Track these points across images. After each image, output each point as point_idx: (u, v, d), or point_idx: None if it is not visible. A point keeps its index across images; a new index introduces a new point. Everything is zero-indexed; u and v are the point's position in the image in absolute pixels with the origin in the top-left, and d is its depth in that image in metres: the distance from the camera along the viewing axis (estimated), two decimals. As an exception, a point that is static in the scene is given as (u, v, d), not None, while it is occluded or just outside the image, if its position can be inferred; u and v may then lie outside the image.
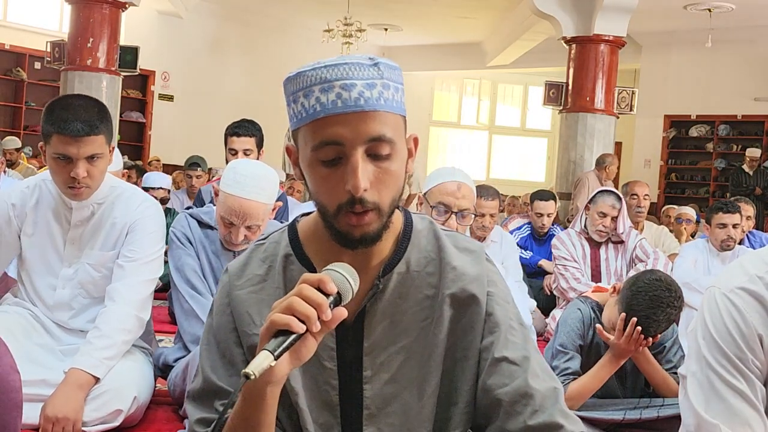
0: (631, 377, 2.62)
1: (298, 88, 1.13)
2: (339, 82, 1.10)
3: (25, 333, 2.38)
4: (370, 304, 1.22)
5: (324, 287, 1.03)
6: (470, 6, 10.74)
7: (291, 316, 1.01)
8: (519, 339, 1.23)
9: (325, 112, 1.10)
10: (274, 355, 0.99)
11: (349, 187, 1.10)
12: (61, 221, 2.45)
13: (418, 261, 1.24)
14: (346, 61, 1.12)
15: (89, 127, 2.26)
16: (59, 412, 2.15)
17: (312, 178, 1.15)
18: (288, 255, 1.25)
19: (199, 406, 1.24)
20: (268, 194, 2.50)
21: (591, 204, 4.06)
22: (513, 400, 1.18)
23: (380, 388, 1.23)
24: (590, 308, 2.65)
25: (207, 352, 1.27)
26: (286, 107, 1.17)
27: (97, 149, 2.29)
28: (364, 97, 1.10)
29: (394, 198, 1.16)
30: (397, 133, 1.14)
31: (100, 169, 2.35)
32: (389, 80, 1.13)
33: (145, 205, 2.51)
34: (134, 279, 2.41)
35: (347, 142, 1.10)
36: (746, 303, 1.43)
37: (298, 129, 1.15)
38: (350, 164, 1.10)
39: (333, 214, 1.13)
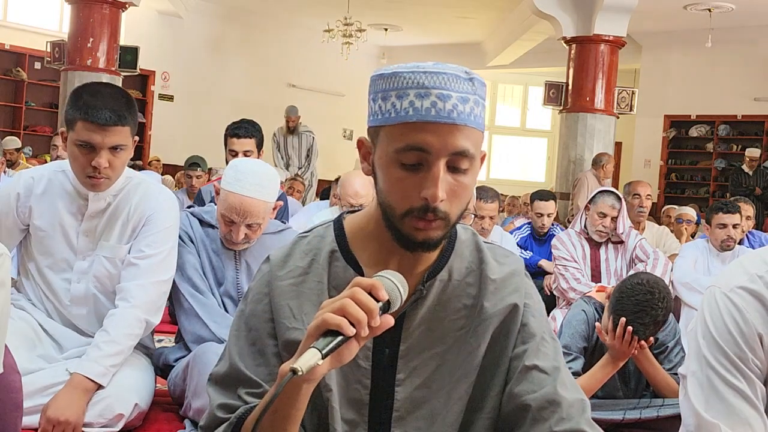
0: (634, 378, 2.63)
1: (392, 87, 1.13)
2: (436, 91, 1.11)
3: (29, 344, 2.32)
4: (411, 308, 1.23)
5: (376, 293, 1.04)
6: (470, 6, 10.73)
7: (343, 317, 1.01)
8: (550, 351, 1.26)
9: (418, 118, 1.11)
10: (322, 354, 0.99)
11: (426, 194, 1.11)
12: (75, 213, 2.38)
13: (460, 271, 1.27)
14: (444, 70, 1.13)
15: (117, 116, 2.21)
16: (61, 414, 2.14)
17: (387, 177, 1.16)
18: (333, 251, 1.25)
19: (223, 391, 1.24)
20: (268, 192, 2.50)
21: (591, 204, 4.06)
22: (540, 406, 1.20)
23: (411, 392, 1.24)
24: (594, 309, 2.65)
25: (236, 338, 1.26)
26: (370, 102, 1.18)
27: (122, 140, 2.25)
28: (458, 110, 1.12)
29: (462, 210, 1.18)
30: (477, 149, 1.16)
31: (122, 161, 2.29)
32: (480, 96, 1.15)
33: (163, 197, 2.46)
34: (147, 279, 2.36)
35: (434, 151, 1.11)
36: (746, 302, 1.43)
37: (380, 127, 1.16)
38: (432, 173, 1.11)
39: (400, 216, 1.15)
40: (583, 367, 2.57)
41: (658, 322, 2.39)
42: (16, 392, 1.77)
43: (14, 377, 1.77)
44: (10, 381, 1.73)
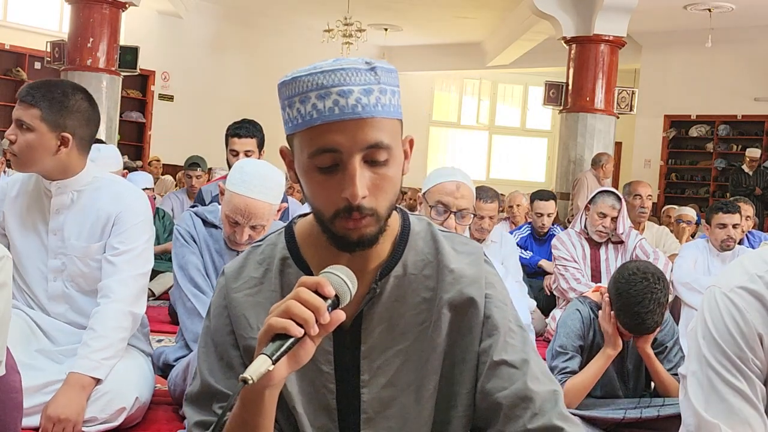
0: (633, 377, 2.63)
1: (294, 93, 1.12)
2: (336, 89, 1.08)
3: (25, 339, 2.35)
4: (367, 307, 1.21)
5: (322, 290, 1.03)
6: (470, 6, 10.74)
7: (289, 319, 1.00)
8: (518, 342, 1.23)
9: (322, 119, 1.09)
10: (272, 360, 0.98)
11: (346, 194, 1.09)
12: (43, 211, 2.43)
13: (415, 264, 1.24)
14: (342, 66, 1.10)
15: (32, 97, 2.30)
16: (61, 412, 2.15)
17: (308, 183, 1.14)
18: (285, 258, 1.24)
19: (197, 409, 1.24)
20: (273, 194, 2.50)
21: (591, 204, 4.06)
22: (512, 403, 1.18)
23: (378, 392, 1.23)
24: (589, 308, 2.65)
25: (205, 354, 1.26)
26: (281, 111, 1.16)
27: (26, 118, 2.29)
28: (362, 104, 1.09)
29: (391, 202, 1.15)
30: (394, 138, 1.13)
31: (25, 142, 2.30)
32: (386, 84, 1.12)
33: (131, 195, 2.47)
34: (126, 274, 2.38)
35: (344, 149, 1.09)
36: (746, 302, 1.43)
37: (293, 134, 1.14)
38: (348, 172, 1.09)
39: (329, 219, 1.13)
40: (580, 365, 2.57)
41: (661, 304, 2.42)
42: (16, 392, 1.78)
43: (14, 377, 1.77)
44: (10, 381, 1.73)
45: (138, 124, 11.76)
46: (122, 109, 9.57)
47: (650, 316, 2.39)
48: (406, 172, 1.20)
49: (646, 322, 2.39)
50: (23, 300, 2.46)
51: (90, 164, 2.47)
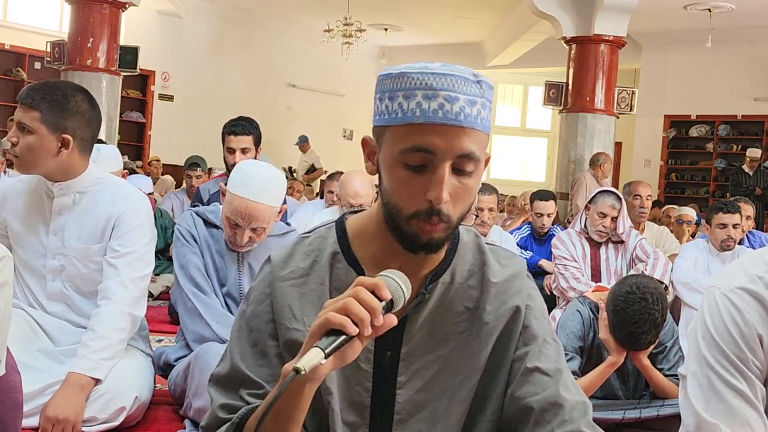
0: (632, 377, 2.63)
1: (399, 87, 1.13)
2: (444, 93, 1.10)
3: (26, 339, 2.35)
4: (413, 311, 1.23)
5: (379, 292, 1.03)
6: (470, 6, 10.73)
7: (346, 317, 1.01)
8: (552, 353, 1.25)
9: (425, 119, 1.10)
10: (325, 353, 0.99)
11: (431, 197, 1.11)
12: (44, 212, 2.43)
13: (462, 273, 1.26)
14: (453, 72, 1.12)
15: (31, 98, 2.29)
16: (60, 413, 2.15)
17: (391, 178, 1.15)
18: (335, 252, 1.25)
19: (224, 392, 1.24)
20: (274, 197, 2.50)
21: (591, 204, 4.06)
22: (543, 408, 1.19)
23: (412, 395, 1.24)
24: (589, 309, 2.66)
25: (237, 339, 1.26)
26: (376, 101, 1.17)
27: (26, 120, 2.30)
28: (465, 113, 1.11)
29: (464, 213, 1.18)
30: (482, 152, 1.15)
31: (27, 144, 2.31)
32: (487, 99, 1.15)
33: (132, 198, 2.47)
34: (126, 276, 2.38)
35: (439, 153, 1.10)
36: (746, 303, 1.43)
37: (386, 126, 1.15)
38: (437, 175, 1.11)
39: (406, 218, 1.14)
40: (580, 366, 2.57)
41: (657, 324, 2.43)
42: (16, 392, 1.77)
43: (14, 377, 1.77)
44: (10, 381, 1.73)
45: (138, 124, 11.76)
46: (122, 109, 9.57)
47: (644, 336, 2.39)
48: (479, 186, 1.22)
49: (639, 341, 2.40)
50: (24, 299, 2.46)
51: (92, 165, 2.47)
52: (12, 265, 1.69)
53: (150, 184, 5.71)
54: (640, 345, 2.43)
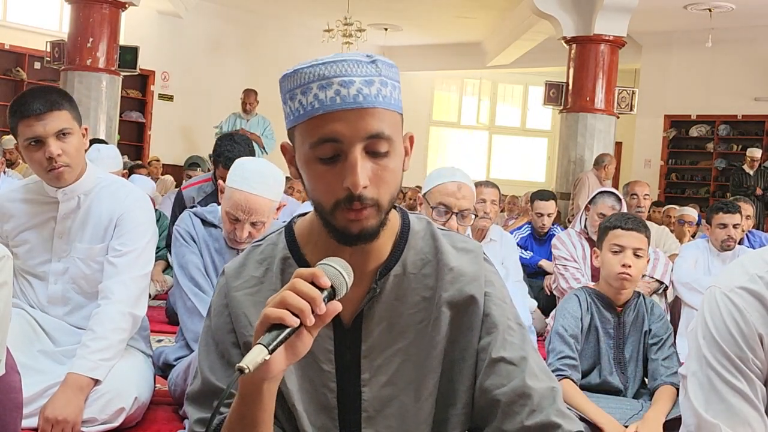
0: (631, 365, 2.64)
1: (296, 86, 1.12)
2: (337, 79, 1.09)
3: (27, 340, 2.34)
4: (368, 307, 1.22)
5: (318, 281, 1.03)
6: (470, 6, 10.73)
7: (284, 309, 1.00)
8: (517, 339, 1.23)
9: (324, 109, 1.09)
10: (269, 349, 0.98)
11: (348, 184, 1.09)
12: (49, 217, 2.42)
13: (415, 263, 1.24)
14: (344, 58, 1.11)
15: (49, 103, 2.25)
16: (59, 414, 2.14)
17: (309, 175, 1.14)
18: (286, 257, 1.24)
19: (199, 407, 1.24)
20: (273, 191, 2.51)
21: (591, 205, 4.06)
22: (510, 400, 1.18)
23: (378, 391, 1.23)
24: (587, 294, 2.67)
25: (205, 353, 1.26)
26: (283, 105, 1.16)
27: (63, 124, 2.27)
28: (363, 94, 1.09)
29: (393, 195, 1.15)
30: (395, 130, 1.13)
31: (74, 146, 2.31)
32: (387, 77, 1.13)
33: (133, 197, 2.48)
34: (126, 275, 2.38)
35: (346, 139, 1.09)
36: (747, 302, 1.43)
37: (294, 127, 1.14)
38: (349, 161, 1.09)
39: (330, 211, 1.12)
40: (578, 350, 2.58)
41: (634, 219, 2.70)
42: (16, 392, 1.77)
43: (14, 377, 1.77)
44: (10, 381, 1.73)
45: (138, 124, 11.75)
46: (122, 109, 9.57)
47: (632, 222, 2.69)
48: (407, 168, 1.20)
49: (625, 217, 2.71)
50: (24, 300, 2.46)
51: (92, 165, 2.47)
52: (11, 265, 1.69)
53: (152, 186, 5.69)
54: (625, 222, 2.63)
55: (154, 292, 4.77)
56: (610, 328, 2.65)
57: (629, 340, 2.65)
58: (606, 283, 2.67)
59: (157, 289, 4.76)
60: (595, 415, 2.36)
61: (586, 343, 2.62)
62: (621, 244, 2.61)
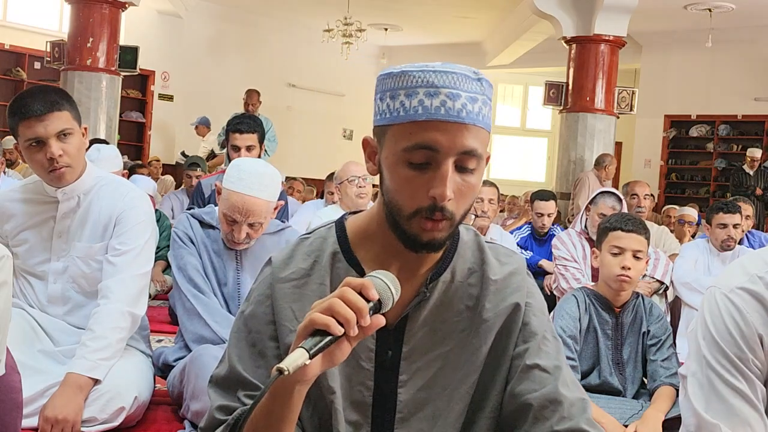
0: (629, 366, 2.65)
1: (401, 86, 1.13)
2: (446, 90, 1.11)
3: (27, 340, 2.34)
4: (414, 310, 1.23)
5: (366, 293, 1.03)
6: (470, 6, 10.73)
7: (331, 317, 1.00)
8: (552, 350, 1.26)
9: (428, 116, 1.10)
10: (310, 354, 0.98)
11: (434, 193, 1.11)
12: (48, 217, 2.42)
13: (463, 271, 1.26)
14: (453, 70, 1.13)
15: (50, 104, 2.25)
16: (59, 413, 2.14)
17: (394, 176, 1.15)
18: (335, 252, 1.25)
19: (222, 393, 1.24)
20: (270, 192, 2.51)
21: (591, 205, 4.06)
22: (542, 405, 1.20)
23: (414, 393, 1.24)
24: (585, 294, 2.68)
25: (236, 340, 1.26)
26: (377, 101, 1.17)
27: (64, 124, 2.27)
28: (467, 110, 1.11)
29: (467, 211, 1.18)
30: (484, 149, 1.15)
31: (75, 146, 2.32)
32: (487, 97, 1.16)
33: (132, 196, 2.48)
34: (126, 274, 2.38)
35: (442, 149, 1.10)
36: (746, 303, 1.43)
37: (388, 125, 1.15)
38: (440, 172, 1.11)
39: (407, 216, 1.14)
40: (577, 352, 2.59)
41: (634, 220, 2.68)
42: (16, 392, 1.77)
43: (14, 377, 1.77)
44: (10, 381, 1.73)
45: (138, 124, 11.75)
46: (122, 109, 9.56)
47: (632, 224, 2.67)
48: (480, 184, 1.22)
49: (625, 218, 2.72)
50: (24, 299, 2.46)
51: (91, 165, 2.47)
52: (11, 265, 1.68)
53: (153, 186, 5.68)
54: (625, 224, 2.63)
55: (153, 292, 4.77)
56: (608, 329, 2.65)
57: (627, 341, 2.65)
58: (605, 284, 2.67)
59: (156, 288, 4.76)
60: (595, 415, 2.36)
61: (585, 343, 2.62)
62: (621, 246, 2.61)
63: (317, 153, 11.83)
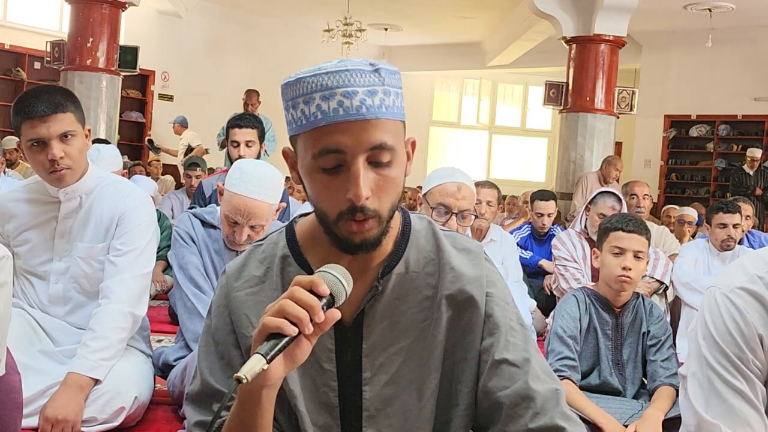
0: (629, 367, 2.65)
1: (298, 94, 1.11)
2: (340, 90, 1.09)
3: (28, 340, 2.34)
4: (369, 305, 1.21)
5: (316, 289, 1.02)
6: (470, 6, 10.73)
7: (283, 318, 1.00)
8: (519, 340, 1.23)
9: (327, 120, 1.09)
10: (267, 359, 0.98)
11: (350, 195, 1.09)
12: (50, 217, 2.42)
13: (417, 261, 1.24)
14: (347, 67, 1.10)
15: (54, 105, 2.25)
16: (59, 413, 2.14)
17: (312, 184, 1.14)
18: (285, 256, 1.24)
19: (198, 409, 1.24)
20: (272, 194, 2.51)
21: (591, 205, 4.06)
22: (514, 402, 1.18)
23: (379, 390, 1.23)
24: (585, 294, 2.68)
25: (205, 354, 1.26)
26: (284, 112, 1.16)
27: (67, 126, 2.27)
28: (366, 105, 1.09)
29: (394, 204, 1.16)
30: (397, 139, 1.13)
31: (77, 148, 2.32)
32: (390, 86, 1.12)
33: (134, 196, 2.48)
34: (127, 274, 2.39)
35: (349, 150, 1.09)
36: (746, 303, 1.43)
37: (296, 135, 1.14)
38: (352, 173, 1.09)
39: (333, 221, 1.13)
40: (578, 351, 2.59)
41: (635, 221, 2.68)
42: (16, 392, 1.77)
43: (14, 377, 1.77)
44: (10, 381, 1.73)
45: (138, 124, 11.76)
46: (122, 109, 9.57)
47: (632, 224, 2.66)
48: (409, 173, 1.20)
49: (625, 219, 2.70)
50: (24, 299, 2.46)
51: (93, 165, 2.47)
52: (11, 265, 1.69)
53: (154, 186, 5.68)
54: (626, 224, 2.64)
55: (153, 292, 4.77)
56: (608, 329, 2.65)
57: (627, 341, 2.65)
58: (605, 285, 2.66)
59: (156, 288, 4.76)
60: (595, 415, 2.36)
61: (585, 343, 2.62)
62: (621, 246, 2.61)
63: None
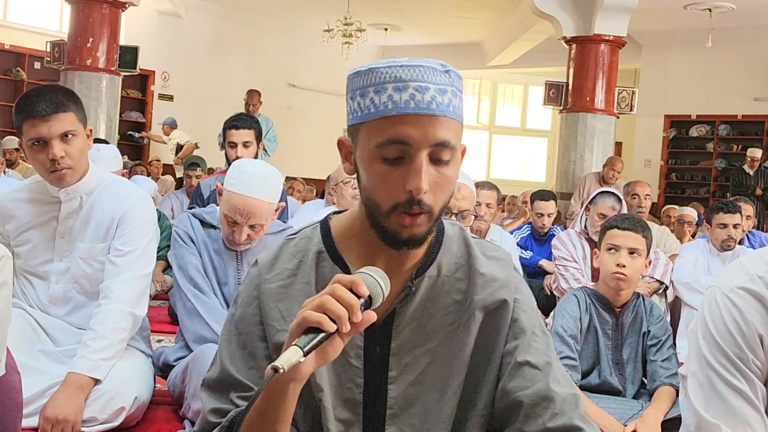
0: (629, 366, 2.65)
1: (369, 84, 1.13)
2: (414, 83, 1.11)
3: (28, 340, 2.34)
4: (401, 305, 1.23)
5: (356, 289, 1.04)
6: (470, 6, 10.73)
7: (323, 314, 1.01)
8: (542, 345, 1.26)
9: (398, 111, 1.11)
10: (303, 351, 0.99)
11: (410, 187, 1.11)
12: (51, 217, 2.42)
13: (449, 266, 1.26)
14: (421, 63, 1.13)
15: (55, 105, 2.25)
16: (59, 413, 2.14)
17: (370, 173, 1.15)
18: (320, 252, 1.25)
19: (215, 396, 1.24)
20: (272, 194, 2.51)
21: (591, 205, 4.06)
22: (533, 402, 1.20)
23: (404, 389, 1.24)
24: (585, 294, 2.68)
25: (227, 342, 1.27)
26: (348, 101, 1.17)
27: (68, 126, 2.27)
28: (436, 102, 1.11)
29: (445, 203, 1.17)
30: (457, 140, 1.15)
31: (78, 148, 2.32)
32: (457, 88, 1.15)
33: (135, 197, 2.48)
34: (128, 275, 2.39)
35: (415, 143, 1.11)
36: (747, 303, 1.43)
37: (360, 124, 1.15)
38: (414, 165, 1.11)
39: (386, 212, 1.14)
40: (578, 351, 2.59)
41: (632, 219, 2.71)
42: (16, 392, 1.77)
43: (14, 377, 1.77)
44: (10, 381, 1.73)
45: (138, 124, 11.76)
46: (122, 109, 9.57)
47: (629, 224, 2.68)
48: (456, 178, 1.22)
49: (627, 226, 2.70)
50: (25, 300, 2.46)
51: (93, 165, 2.48)
52: (11, 265, 1.69)
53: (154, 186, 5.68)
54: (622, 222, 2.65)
55: (153, 292, 4.77)
56: (608, 329, 2.65)
57: (627, 341, 2.65)
58: (604, 284, 2.67)
59: (156, 288, 4.76)
60: (594, 415, 2.36)
61: (585, 343, 2.62)
62: (616, 243, 2.62)
63: (317, 153, 11.81)
